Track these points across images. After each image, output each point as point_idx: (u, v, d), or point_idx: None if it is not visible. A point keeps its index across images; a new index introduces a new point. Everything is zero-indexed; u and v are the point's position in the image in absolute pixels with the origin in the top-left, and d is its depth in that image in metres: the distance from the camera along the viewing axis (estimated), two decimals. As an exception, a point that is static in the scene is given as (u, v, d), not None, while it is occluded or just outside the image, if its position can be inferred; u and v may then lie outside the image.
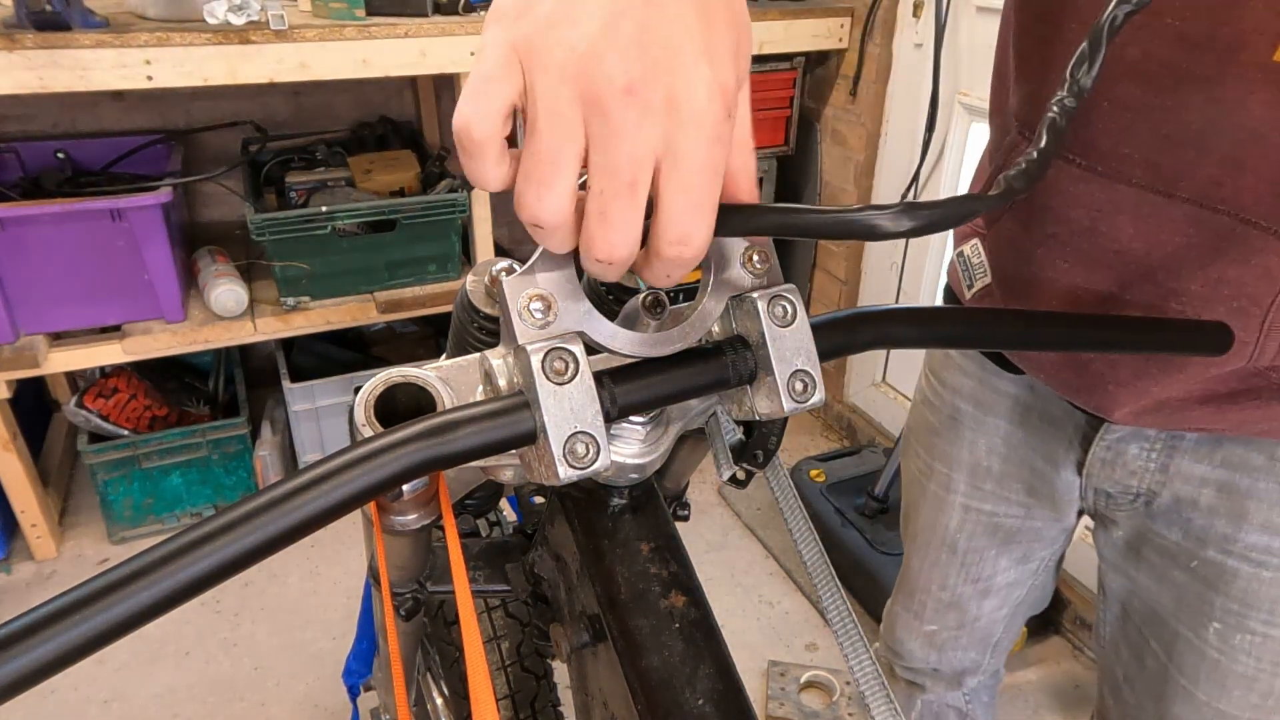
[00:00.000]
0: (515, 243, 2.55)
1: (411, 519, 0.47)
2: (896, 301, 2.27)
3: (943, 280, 0.87)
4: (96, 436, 1.99)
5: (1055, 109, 0.36)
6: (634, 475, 0.50)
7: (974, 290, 0.74)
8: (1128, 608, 0.81)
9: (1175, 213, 0.56)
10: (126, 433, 2.01)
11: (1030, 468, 0.83)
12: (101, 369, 2.09)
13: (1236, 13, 0.49)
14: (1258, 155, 0.51)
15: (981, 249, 0.73)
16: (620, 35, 0.32)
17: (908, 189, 2.12)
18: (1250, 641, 0.70)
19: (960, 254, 0.75)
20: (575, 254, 0.38)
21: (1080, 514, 0.85)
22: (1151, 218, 0.58)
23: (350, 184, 2.06)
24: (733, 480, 0.52)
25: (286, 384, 2.08)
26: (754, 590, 1.99)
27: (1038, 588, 0.96)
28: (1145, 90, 0.54)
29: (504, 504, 1.22)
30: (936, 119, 1.99)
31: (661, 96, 0.32)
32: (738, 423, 0.53)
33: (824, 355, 0.41)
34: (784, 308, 0.40)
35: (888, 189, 2.23)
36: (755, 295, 0.40)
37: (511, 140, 0.37)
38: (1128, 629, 0.81)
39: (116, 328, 1.89)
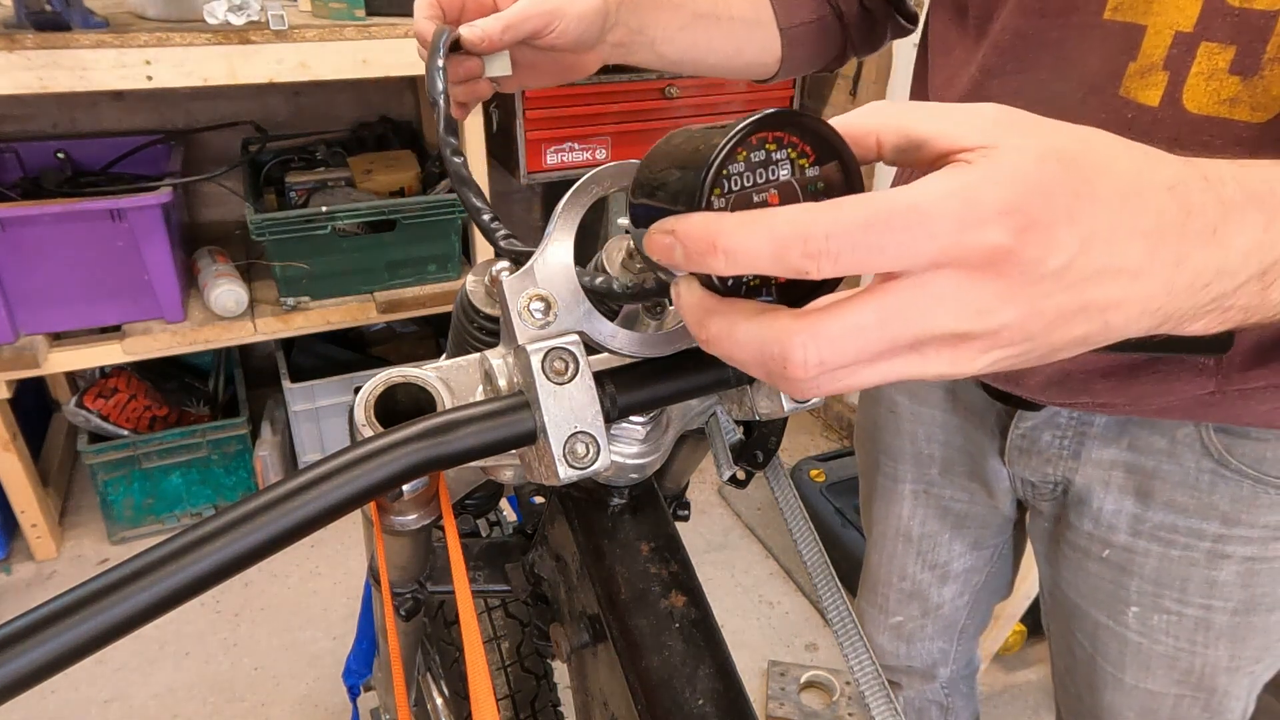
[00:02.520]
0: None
1: (411, 519, 0.47)
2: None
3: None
4: (96, 436, 1.99)
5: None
6: (634, 475, 0.50)
7: None
8: (1055, 600, 0.83)
9: None
10: (126, 433, 2.01)
11: (968, 454, 0.85)
12: (101, 369, 2.09)
13: None
14: (1097, 106, 0.57)
15: None
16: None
17: (908, 189, 2.12)
18: (1167, 621, 0.72)
19: None
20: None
21: (1020, 504, 0.87)
22: None
23: (350, 184, 2.06)
24: (733, 480, 0.53)
25: (286, 384, 2.08)
26: (754, 590, 1.99)
27: (996, 574, 0.98)
28: (1003, 58, 0.61)
29: (504, 504, 1.22)
30: (936, 119, 1.99)
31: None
32: (738, 423, 0.53)
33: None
34: None
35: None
36: None
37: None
38: (1057, 622, 0.84)
39: (116, 328, 1.89)
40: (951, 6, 0.69)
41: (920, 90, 0.75)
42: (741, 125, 0.29)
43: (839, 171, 0.31)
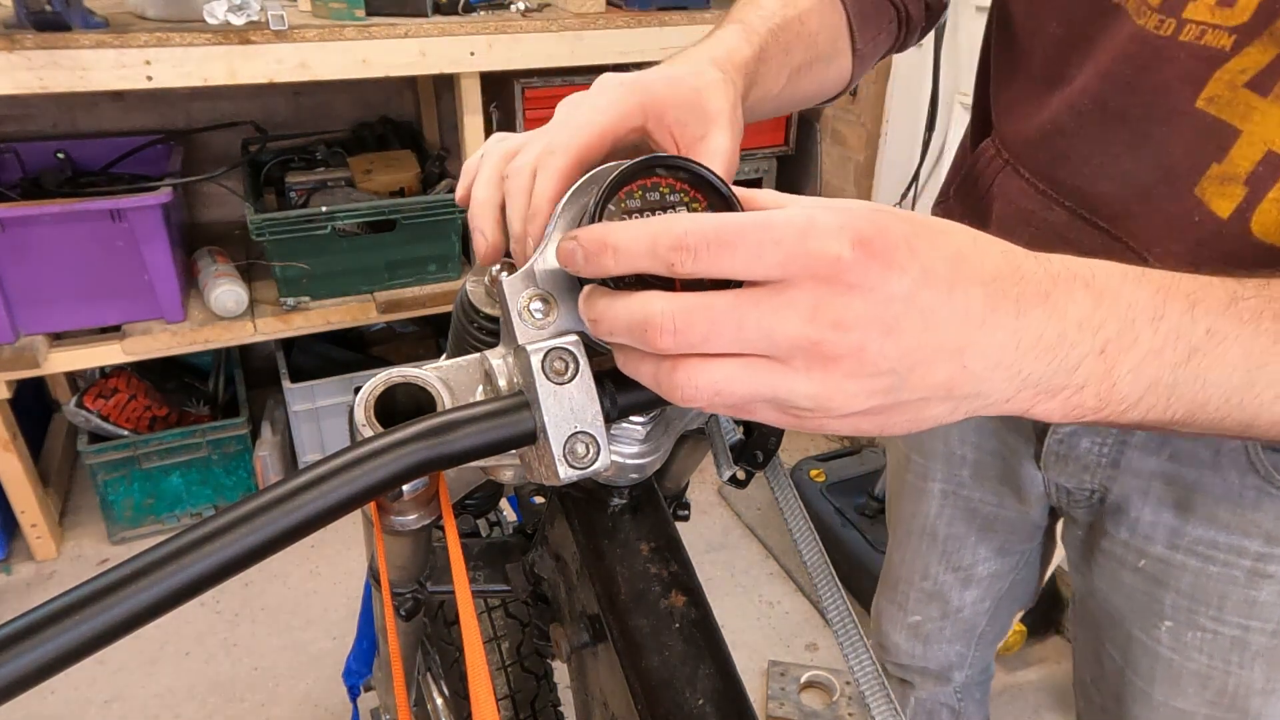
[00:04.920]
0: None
1: (411, 519, 0.47)
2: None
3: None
4: (96, 437, 1.99)
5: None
6: (634, 475, 0.50)
7: None
8: (1086, 609, 0.81)
9: (1094, 240, 0.60)
10: (126, 433, 2.01)
11: (1001, 457, 0.84)
12: (101, 369, 2.09)
13: (1164, 61, 0.52)
14: (1166, 196, 0.54)
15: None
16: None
17: (908, 189, 2.12)
18: (1201, 639, 0.70)
19: None
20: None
21: (1052, 511, 0.86)
22: (1074, 243, 0.61)
23: (350, 184, 2.06)
24: (733, 480, 0.53)
25: (286, 384, 2.08)
26: (754, 590, 1.99)
27: (1020, 582, 0.97)
28: (1079, 121, 0.58)
29: (504, 504, 1.22)
30: (936, 119, 1.99)
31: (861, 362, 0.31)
32: (737, 423, 0.53)
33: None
34: None
35: (888, 189, 2.23)
36: None
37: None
38: (1087, 631, 0.82)
39: (116, 328, 1.89)
40: (1009, 44, 0.66)
41: (985, 84, 0.73)
42: (615, 175, 0.36)
43: (727, 210, 0.37)
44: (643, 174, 0.37)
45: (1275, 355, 0.34)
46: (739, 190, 0.38)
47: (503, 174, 0.46)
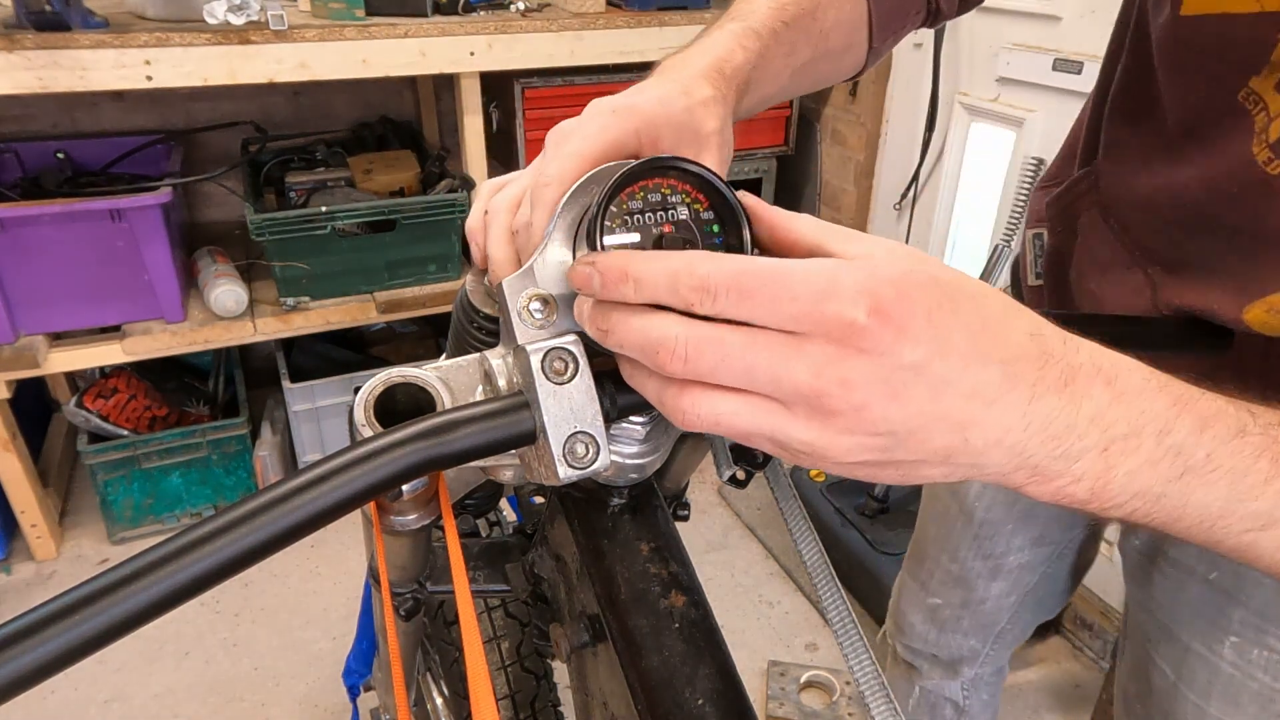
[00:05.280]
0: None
1: (411, 519, 0.47)
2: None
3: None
4: (96, 436, 1.99)
5: None
6: (634, 475, 0.50)
7: (1030, 285, 0.76)
8: (1137, 621, 0.79)
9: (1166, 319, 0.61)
10: (126, 433, 2.01)
11: None
12: (101, 369, 2.09)
13: (1268, 196, 0.52)
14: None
15: (1042, 242, 0.73)
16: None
17: (908, 189, 2.12)
18: (1267, 659, 0.68)
19: (1038, 236, 0.75)
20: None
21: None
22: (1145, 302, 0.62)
23: (350, 184, 2.06)
24: (733, 480, 0.52)
25: (286, 384, 2.08)
26: (754, 590, 1.99)
27: (1050, 579, 0.95)
28: (1180, 211, 0.58)
29: (504, 504, 1.22)
30: (936, 119, 1.99)
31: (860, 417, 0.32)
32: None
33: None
34: None
35: (888, 189, 2.23)
36: None
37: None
38: (1135, 643, 0.80)
39: (116, 328, 1.89)
40: (1139, 91, 0.63)
41: (1102, 103, 0.71)
42: (618, 177, 0.36)
43: (729, 213, 0.38)
44: (645, 175, 0.38)
45: (1257, 495, 0.34)
46: (783, 214, 0.37)
47: (485, 209, 0.46)
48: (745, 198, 0.38)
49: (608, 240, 0.37)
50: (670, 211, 0.38)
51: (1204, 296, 0.57)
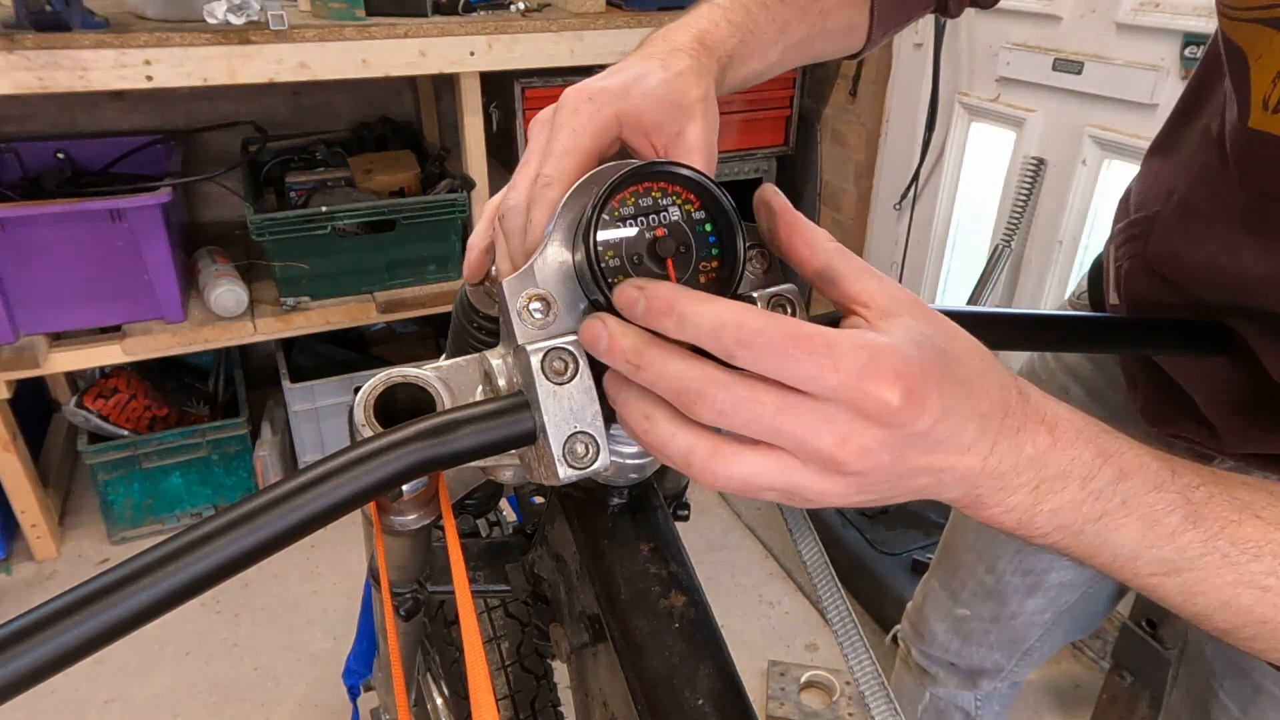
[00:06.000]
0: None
1: (411, 519, 0.47)
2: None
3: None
4: (96, 436, 1.99)
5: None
6: (634, 475, 0.50)
7: (1109, 303, 0.75)
8: (1201, 654, 0.75)
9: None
10: (126, 433, 2.01)
11: None
12: (101, 369, 2.09)
13: None
14: None
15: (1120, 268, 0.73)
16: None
17: (908, 188, 2.12)
18: None
19: (1117, 263, 0.74)
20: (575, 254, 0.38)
21: None
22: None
23: (350, 184, 2.06)
24: (733, 480, 0.52)
25: (286, 384, 2.08)
26: (754, 590, 1.99)
27: (1090, 599, 0.91)
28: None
29: (504, 504, 1.22)
30: (936, 118, 1.99)
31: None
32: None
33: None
34: (785, 307, 0.40)
35: (888, 188, 2.23)
36: (755, 294, 0.40)
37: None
38: (1195, 677, 0.77)
39: (116, 328, 1.89)
40: (1216, 181, 0.61)
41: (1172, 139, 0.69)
42: (610, 183, 0.37)
43: (723, 217, 0.39)
44: (633, 181, 0.38)
45: (1163, 544, 0.38)
46: (805, 225, 0.38)
47: (497, 216, 0.45)
48: (770, 194, 0.39)
49: (601, 247, 0.38)
50: (662, 214, 0.38)
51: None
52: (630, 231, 0.38)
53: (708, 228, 0.39)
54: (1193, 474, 0.39)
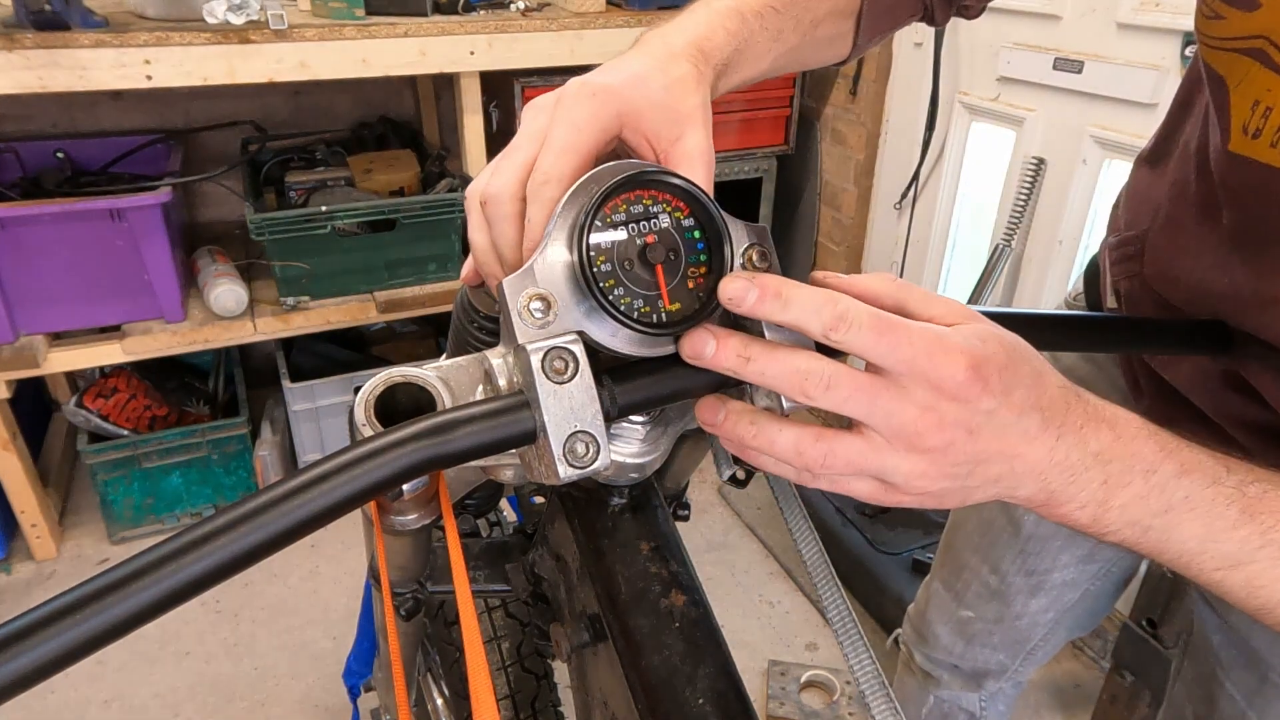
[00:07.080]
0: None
1: (411, 519, 0.47)
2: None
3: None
4: (96, 436, 1.99)
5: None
6: (634, 475, 0.50)
7: (1106, 306, 0.75)
8: (1208, 644, 0.75)
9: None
10: (126, 433, 2.01)
11: None
12: (101, 369, 2.08)
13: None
14: None
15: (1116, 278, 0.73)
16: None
17: (908, 188, 2.12)
18: None
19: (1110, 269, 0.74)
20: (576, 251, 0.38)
21: None
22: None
23: (350, 184, 2.06)
24: (733, 480, 0.52)
25: (286, 384, 2.08)
26: (754, 590, 1.99)
27: (1092, 596, 0.91)
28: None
29: (504, 504, 1.22)
30: (936, 118, 1.99)
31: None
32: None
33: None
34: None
35: (888, 188, 2.23)
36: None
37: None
38: (1201, 667, 0.76)
39: (116, 328, 1.89)
40: (1203, 198, 0.62)
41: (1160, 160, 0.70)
42: (605, 188, 0.39)
43: (712, 226, 0.41)
44: (628, 188, 0.39)
45: (1226, 538, 0.40)
46: (858, 281, 0.41)
47: (479, 202, 0.45)
48: (820, 277, 0.41)
49: (594, 253, 0.39)
50: (652, 221, 0.40)
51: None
52: (621, 236, 0.39)
53: (696, 235, 0.41)
54: (1245, 470, 0.41)
